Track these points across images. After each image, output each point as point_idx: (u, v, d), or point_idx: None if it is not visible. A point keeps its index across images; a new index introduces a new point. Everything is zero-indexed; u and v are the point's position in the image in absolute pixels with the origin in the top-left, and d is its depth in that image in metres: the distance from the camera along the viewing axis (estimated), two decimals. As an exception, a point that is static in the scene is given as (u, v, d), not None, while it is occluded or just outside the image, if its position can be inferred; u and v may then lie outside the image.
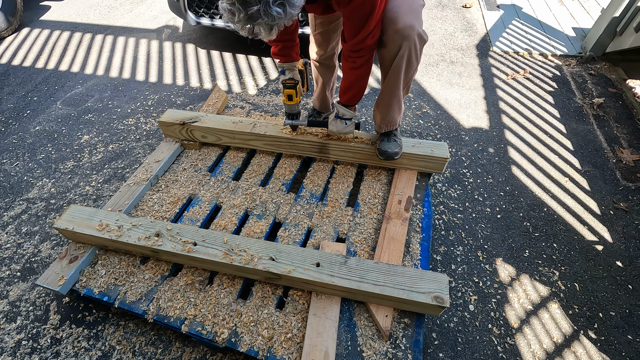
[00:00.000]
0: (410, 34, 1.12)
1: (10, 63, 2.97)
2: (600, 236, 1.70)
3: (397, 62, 1.22)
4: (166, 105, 2.47)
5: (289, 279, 1.22)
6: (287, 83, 1.49)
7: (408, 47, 1.16)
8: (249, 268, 1.23)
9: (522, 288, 1.52)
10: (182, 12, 2.72)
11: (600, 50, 2.80)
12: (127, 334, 1.36)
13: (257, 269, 1.22)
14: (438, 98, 2.50)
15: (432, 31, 3.25)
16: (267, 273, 1.23)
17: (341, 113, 1.46)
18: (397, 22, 1.11)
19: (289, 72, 1.50)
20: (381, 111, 1.46)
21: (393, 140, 1.54)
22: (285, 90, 1.50)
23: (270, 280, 1.28)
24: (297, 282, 1.24)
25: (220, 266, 1.29)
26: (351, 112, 1.46)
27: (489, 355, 1.33)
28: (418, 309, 1.20)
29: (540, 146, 2.15)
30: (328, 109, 1.89)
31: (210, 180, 1.69)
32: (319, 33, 1.56)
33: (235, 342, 1.16)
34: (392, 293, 1.16)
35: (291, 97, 1.52)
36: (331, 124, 1.53)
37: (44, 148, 2.18)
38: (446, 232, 1.71)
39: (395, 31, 1.12)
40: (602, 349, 1.35)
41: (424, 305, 1.16)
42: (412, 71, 1.28)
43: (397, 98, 1.38)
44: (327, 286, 1.20)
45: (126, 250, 1.38)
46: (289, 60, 1.48)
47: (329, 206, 1.56)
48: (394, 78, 1.28)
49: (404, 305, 1.20)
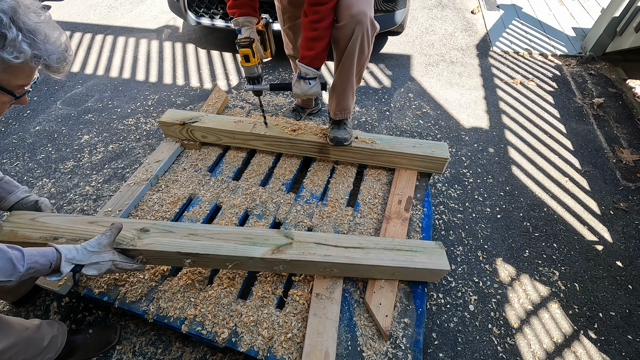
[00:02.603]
0: (363, 19, 1.22)
1: (10, 63, 2.96)
2: (600, 236, 1.70)
3: (351, 46, 1.29)
4: (166, 105, 2.47)
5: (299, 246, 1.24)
6: (242, 42, 1.38)
7: (361, 31, 1.25)
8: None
9: (522, 288, 1.52)
10: (182, 12, 2.72)
11: (600, 50, 2.80)
12: (127, 334, 1.36)
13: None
14: (438, 98, 2.50)
15: (432, 31, 3.25)
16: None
17: (303, 72, 1.38)
18: (351, 8, 1.21)
19: (246, 29, 1.43)
20: (336, 98, 1.50)
21: (343, 127, 1.59)
22: (241, 50, 1.38)
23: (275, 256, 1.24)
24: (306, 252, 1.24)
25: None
26: (314, 70, 1.38)
27: (489, 355, 1.33)
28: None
29: (540, 146, 2.15)
30: (311, 104, 1.92)
31: (210, 180, 1.69)
32: (288, 28, 1.64)
33: (236, 342, 1.16)
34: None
35: (247, 57, 1.40)
36: (295, 86, 1.44)
37: (44, 148, 2.18)
38: (446, 232, 1.71)
39: (350, 16, 1.22)
40: (602, 349, 1.35)
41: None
42: (364, 57, 1.36)
43: (351, 84, 1.44)
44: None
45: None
46: (244, 13, 1.41)
47: (329, 206, 1.56)
48: (348, 62, 1.35)
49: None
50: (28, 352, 1.05)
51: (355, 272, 1.27)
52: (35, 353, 1.08)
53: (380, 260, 1.21)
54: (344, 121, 1.61)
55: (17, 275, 0.81)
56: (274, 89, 1.54)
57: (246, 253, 1.19)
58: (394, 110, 2.41)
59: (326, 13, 1.25)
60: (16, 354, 1.00)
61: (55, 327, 1.18)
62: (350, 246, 1.25)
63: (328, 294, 1.24)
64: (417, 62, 2.86)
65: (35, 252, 0.88)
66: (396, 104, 2.46)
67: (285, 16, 1.60)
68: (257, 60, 1.47)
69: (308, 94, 1.45)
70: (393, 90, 2.58)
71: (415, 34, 3.22)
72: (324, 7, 1.23)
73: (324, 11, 1.24)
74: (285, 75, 2.74)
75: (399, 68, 2.80)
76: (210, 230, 1.26)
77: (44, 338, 1.11)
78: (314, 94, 1.46)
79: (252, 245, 1.22)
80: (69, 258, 0.94)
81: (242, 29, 1.43)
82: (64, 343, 1.19)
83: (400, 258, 1.23)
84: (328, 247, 1.24)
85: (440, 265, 1.23)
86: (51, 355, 1.14)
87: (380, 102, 2.48)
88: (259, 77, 1.53)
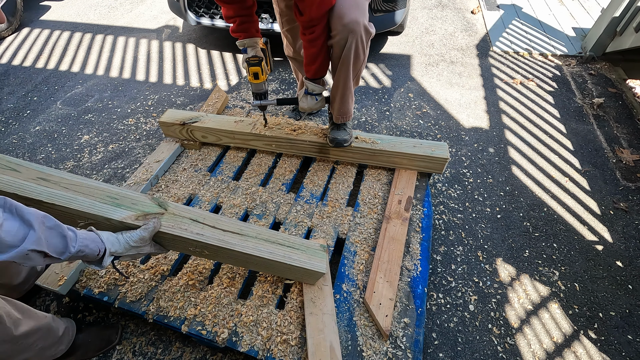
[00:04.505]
0: (356, 28, 1.22)
1: (10, 63, 2.97)
2: (600, 236, 1.70)
3: (346, 54, 1.30)
4: (166, 105, 2.47)
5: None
6: (251, 61, 1.45)
7: (355, 39, 1.25)
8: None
9: (522, 288, 1.52)
10: (182, 12, 2.72)
11: (600, 50, 2.80)
12: (127, 334, 1.36)
13: None
14: (438, 98, 2.50)
15: (432, 31, 3.25)
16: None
17: (310, 89, 1.49)
18: (343, 17, 1.21)
19: (251, 49, 1.49)
20: (337, 104, 1.51)
21: (343, 128, 1.61)
22: (251, 69, 1.46)
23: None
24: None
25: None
26: (320, 87, 1.49)
27: (489, 355, 1.33)
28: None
29: (540, 146, 2.15)
30: None
31: (210, 180, 1.69)
32: (287, 30, 1.67)
33: (236, 342, 1.16)
34: None
35: (257, 75, 1.48)
36: (302, 101, 1.54)
37: (44, 148, 2.18)
38: (446, 232, 1.71)
39: (343, 25, 1.22)
40: (602, 349, 1.35)
41: None
42: (360, 63, 1.37)
43: (349, 89, 1.46)
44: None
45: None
46: (249, 35, 1.46)
47: (329, 206, 1.56)
48: (344, 69, 1.36)
49: None
50: (47, 339, 1.10)
51: (229, 259, 1.20)
52: (53, 342, 1.11)
53: (257, 251, 1.12)
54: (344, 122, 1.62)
55: (67, 255, 0.81)
56: (281, 104, 1.61)
57: (104, 213, 1.02)
58: (394, 110, 2.41)
59: (321, 31, 1.28)
60: (38, 340, 1.05)
61: (65, 320, 1.22)
62: (229, 230, 1.15)
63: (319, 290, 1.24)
64: (417, 62, 2.86)
65: (87, 237, 0.87)
66: (396, 104, 2.46)
67: (283, 19, 1.62)
68: (265, 77, 1.53)
69: (314, 109, 1.58)
70: (393, 90, 2.58)
71: (415, 34, 3.22)
72: (318, 27, 1.26)
73: (319, 30, 1.27)
74: (285, 75, 2.74)
75: (399, 68, 2.80)
76: (67, 180, 1.10)
77: (59, 328, 1.15)
78: (319, 108, 1.59)
79: (115, 206, 1.05)
80: (112, 252, 0.94)
81: (247, 48, 1.49)
82: (74, 336, 1.22)
83: (278, 252, 1.15)
84: (204, 226, 1.13)
85: (318, 268, 1.17)
86: (63, 347, 1.17)
87: (380, 102, 2.48)
88: (265, 93, 1.61)
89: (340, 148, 1.63)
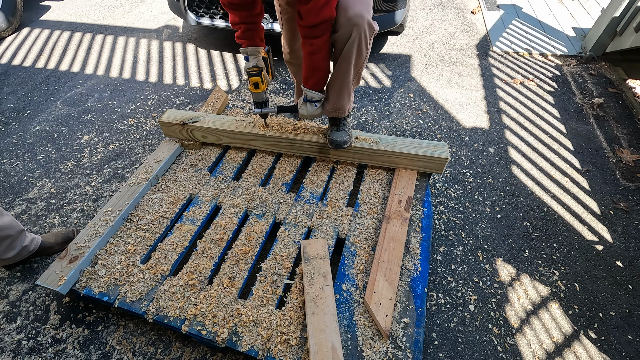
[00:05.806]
0: (360, 22, 1.22)
1: (11, 63, 2.97)
2: (600, 236, 1.70)
3: (348, 48, 1.29)
4: (166, 105, 2.47)
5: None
6: (251, 71, 1.48)
7: (358, 33, 1.24)
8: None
9: (522, 288, 1.52)
10: (182, 12, 2.72)
11: (600, 50, 2.80)
12: (127, 334, 1.36)
13: None
14: (438, 98, 2.50)
15: (432, 31, 3.25)
16: None
17: (309, 97, 1.49)
18: (348, 10, 1.21)
19: (253, 58, 1.50)
20: (331, 97, 1.51)
21: (342, 129, 1.60)
22: (251, 79, 1.49)
23: None
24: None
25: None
26: (319, 94, 1.49)
27: (489, 355, 1.33)
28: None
29: (540, 146, 2.15)
30: None
31: (210, 180, 1.69)
32: (287, 29, 1.65)
33: (236, 342, 1.16)
34: None
35: (257, 84, 1.51)
36: (301, 108, 1.54)
37: (44, 148, 2.18)
38: (446, 232, 1.71)
39: (347, 18, 1.21)
40: (602, 349, 1.35)
41: None
42: (362, 60, 1.36)
43: (347, 86, 1.45)
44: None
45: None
46: (253, 44, 1.48)
47: (329, 206, 1.56)
48: (345, 64, 1.35)
49: None
50: (13, 229, 1.40)
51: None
52: (18, 233, 1.43)
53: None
54: (342, 122, 1.61)
55: None
56: (281, 112, 1.62)
57: None
58: (394, 110, 2.41)
59: (320, 45, 1.29)
60: (9, 230, 1.38)
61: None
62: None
63: (321, 291, 1.24)
64: (417, 62, 2.86)
65: None
66: (396, 104, 2.46)
67: (284, 17, 1.61)
68: (266, 86, 1.55)
69: (314, 115, 1.57)
70: (393, 90, 2.58)
71: (415, 34, 3.22)
72: (318, 40, 1.27)
73: (317, 44, 1.28)
74: (285, 75, 2.74)
75: (399, 68, 2.80)
76: None
77: (19, 224, 1.45)
78: (319, 115, 1.57)
79: None
80: None
81: (249, 57, 1.50)
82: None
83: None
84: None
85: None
86: (27, 243, 1.48)
87: (380, 102, 2.48)
88: (266, 101, 1.62)
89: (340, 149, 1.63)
